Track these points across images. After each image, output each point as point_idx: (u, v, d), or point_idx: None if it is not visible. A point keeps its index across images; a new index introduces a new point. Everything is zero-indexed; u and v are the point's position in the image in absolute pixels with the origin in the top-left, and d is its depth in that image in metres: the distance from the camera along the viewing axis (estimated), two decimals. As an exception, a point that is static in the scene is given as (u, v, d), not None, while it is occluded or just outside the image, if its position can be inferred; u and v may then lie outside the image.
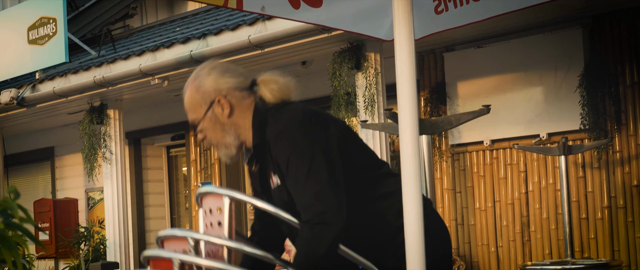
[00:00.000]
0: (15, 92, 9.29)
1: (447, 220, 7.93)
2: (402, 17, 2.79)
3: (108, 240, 9.14)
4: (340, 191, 2.64)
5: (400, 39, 2.77)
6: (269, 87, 2.80)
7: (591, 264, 6.37)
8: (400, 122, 2.79)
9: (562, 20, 7.15)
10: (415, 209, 2.74)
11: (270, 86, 2.80)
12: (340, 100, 7.00)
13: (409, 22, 2.75)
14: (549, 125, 7.32)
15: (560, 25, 7.22)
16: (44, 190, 12.35)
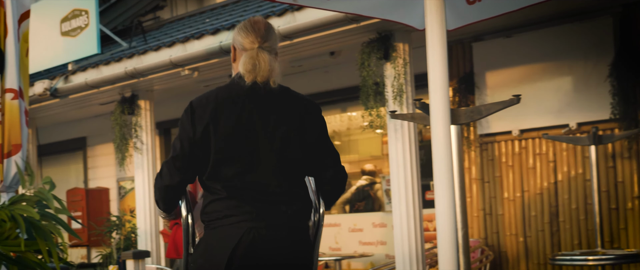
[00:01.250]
0: (48, 83, 9.41)
1: (476, 209, 7.95)
2: (434, 6, 2.83)
3: (139, 228, 9.25)
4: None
5: (431, 29, 2.81)
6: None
7: (621, 254, 6.37)
8: (431, 112, 2.83)
9: (592, 9, 7.13)
10: (447, 197, 2.78)
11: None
12: (368, 91, 7.03)
13: (441, 11, 2.79)
14: (579, 115, 7.31)
15: (590, 14, 7.20)
16: (77, 180, 12.51)
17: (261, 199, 3.25)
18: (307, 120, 3.39)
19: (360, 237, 9.21)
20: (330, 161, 3.44)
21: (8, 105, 4.87)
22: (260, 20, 3.39)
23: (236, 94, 3.31)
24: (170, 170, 3.33)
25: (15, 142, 4.88)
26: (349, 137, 12.77)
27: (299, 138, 3.34)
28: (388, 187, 8.80)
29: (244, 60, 3.30)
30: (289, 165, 3.30)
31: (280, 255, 3.22)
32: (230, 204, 3.23)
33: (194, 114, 3.33)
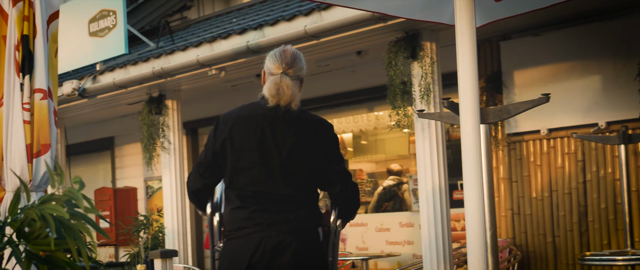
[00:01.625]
0: (76, 84, 9.48)
1: (504, 209, 7.91)
2: (464, 3, 2.81)
3: (166, 228, 9.29)
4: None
5: (461, 25, 2.79)
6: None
7: (651, 254, 6.31)
8: (461, 110, 2.81)
9: (621, 7, 7.06)
10: (476, 197, 2.76)
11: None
12: (395, 90, 7.01)
13: (471, 8, 2.77)
14: (608, 114, 7.25)
15: (619, 12, 7.13)
16: (104, 179, 12.59)
17: (269, 208, 3.69)
18: (315, 140, 3.81)
19: (387, 236, 9.19)
20: (337, 177, 3.82)
21: (37, 105, 4.90)
22: (288, 49, 3.86)
23: (255, 113, 3.79)
24: (195, 176, 3.88)
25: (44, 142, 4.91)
26: (376, 137, 12.74)
27: (306, 155, 3.76)
28: (415, 186, 8.78)
29: (268, 85, 3.76)
30: (295, 178, 3.73)
31: (290, 257, 3.63)
32: (243, 214, 3.71)
33: (217, 128, 3.84)
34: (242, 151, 3.74)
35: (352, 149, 12.54)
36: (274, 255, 3.63)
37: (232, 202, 3.79)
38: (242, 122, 3.81)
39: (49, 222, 1.80)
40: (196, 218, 11.22)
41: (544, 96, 4.17)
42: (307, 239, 3.70)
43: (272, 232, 3.63)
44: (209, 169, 3.82)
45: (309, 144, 3.79)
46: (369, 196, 11.79)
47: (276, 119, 3.78)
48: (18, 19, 4.92)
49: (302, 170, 3.76)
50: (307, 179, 3.79)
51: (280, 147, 3.74)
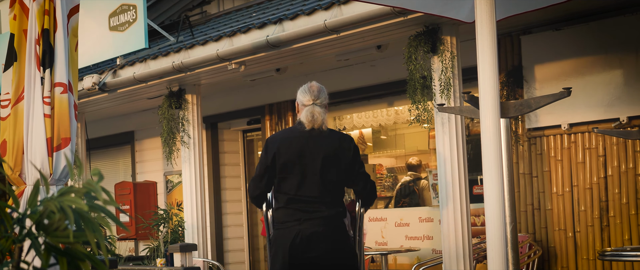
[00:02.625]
0: (97, 78, 9.52)
1: (524, 204, 7.87)
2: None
3: (186, 222, 9.32)
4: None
5: (481, 21, 2.78)
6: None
7: (673, 249, 6.25)
8: (481, 104, 2.80)
9: (644, 1, 7.01)
10: (496, 191, 2.75)
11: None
12: (415, 84, 6.99)
13: (491, 3, 2.75)
14: (630, 109, 7.19)
15: (642, 7, 7.07)
16: (124, 173, 12.65)
17: (305, 208, 4.94)
18: (340, 151, 5.02)
19: (406, 231, 9.17)
20: (359, 178, 5.07)
21: (57, 99, 4.93)
22: (314, 85, 5.14)
23: (294, 135, 5.02)
24: (255, 185, 5.14)
25: (64, 136, 4.93)
26: (395, 132, 12.71)
27: (334, 164, 4.99)
28: (435, 181, 8.75)
29: (304, 114, 5.01)
30: (326, 183, 4.95)
31: (320, 246, 4.86)
32: (287, 212, 4.98)
33: (267, 148, 5.07)
34: (285, 165, 4.97)
35: (371, 144, 12.52)
36: (309, 242, 4.86)
37: (279, 202, 5.06)
38: (285, 143, 5.03)
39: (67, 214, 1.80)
40: (216, 213, 11.25)
41: (565, 90, 4.14)
42: (334, 228, 4.93)
43: (306, 226, 4.89)
44: (263, 179, 5.08)
45: (336, 154, 5.00)
46: (389, 191, 11.77)
47: (310, 139, 4.99)
48: (39, 13, 4.95)
49: (331, 176, 4.98)
50: (335, 183, 5.01)
51: (315, 160, 4.96)
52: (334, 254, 4.88)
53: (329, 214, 4.92)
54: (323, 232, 4.86)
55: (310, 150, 4.97)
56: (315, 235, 4.85)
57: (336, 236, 4.91)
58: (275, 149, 5.01)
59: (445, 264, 6.92)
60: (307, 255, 4.86)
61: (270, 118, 10.34)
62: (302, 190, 4.95)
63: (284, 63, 8.64)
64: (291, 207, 4.96)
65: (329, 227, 4.90)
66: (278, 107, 10.28)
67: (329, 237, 4.88)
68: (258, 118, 10.71)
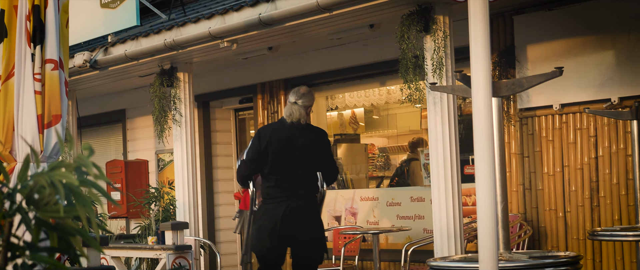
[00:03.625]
0: (88, 55, 9.47)
1: (515, 184, 7.89)
2: (476, -23, 2.78)
3: (178, 200, 9.32)
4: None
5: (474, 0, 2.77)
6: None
7: (662, 230, 6.29)
8: (473, 82, 2.80)
9: (637, -18, 7.00)
10: (487, 170, 2.75)
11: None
12: (408, 63, 6.98)
13: (483, -18, 2.74)
14: (621, 89, 7.20)
15: (635, -13, 7.07)
16: (116, 152, 12.63)
17: (291, 186, 6.27)
18: (317, 142, 6.40)
19: (397, 211, 9.20)
20: (329, 164, 6.51)
21: (48, 76, 4.91)
22: (303, 88, 6.43)
23: (283, 127, 6.34)
24: (246, 167, 6.43)
25: (55, 113, 4.92)
26: (387, 111, 12.71)
27: (312, 152, 6.35)
28: (426, 161, 8.77)
29: (286, 110, 6.38)
30: (306, 167, 6.34)
31: (303, 215, 6.26)
32: (277, 190, 6.26)
33: (260, 136, 6.34)
34: (276, 151, 6.25)
35: (363, 124, 12.52)
36: (295, 213, 6.23)
37: (269, 181, 6.31)
38: (276, 134, 6.32)
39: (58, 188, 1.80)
40: (207, 191, 11.25)
41: (557, 70, 4.14)
42: (312, 202, 6.39)
43: (293, 200, 6.24)
44: (254, 163, 6.35)
45: (315, 144, 6.38)
46: (381, 171, 11.79)
47: (295, 130, 6.31)
48: (29, -12, 4.91)
49: (310, 161, 6.36)
50: (313, 167, 6.42)
51: (298, 148, 6.29)
52: (312, 222, 6.35)
53: (309, 191, 6.37)
54: (305, 205, 6.29)
55: (295, 140, 6.30)
56: (300, 207, 6.26)
57: (314, 207, 6.40)
58: (268, 138, 6.30)
59: (436, 243, 6.95)
60: (295, 223, 6.22)
61: (263, 97, 10.33)
62: (289, 172, 6.30)
63: (277, 41, 8.62)
64: (280, 186, 6.28)
65: (310, 201, 6.36)
66: (270, 85, 10.26)
67: (309, 208, 6.32)
68: (250, 97, 10.69)
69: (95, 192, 1.90)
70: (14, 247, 1.89)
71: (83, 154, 1.90)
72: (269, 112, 10.21)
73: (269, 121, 10.19)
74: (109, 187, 10.88)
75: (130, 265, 9.16)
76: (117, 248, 8.36)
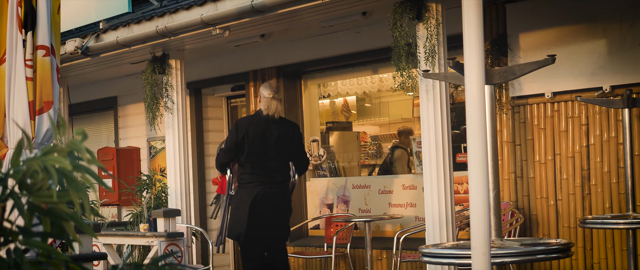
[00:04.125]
0: (79, 42, 9.44)
1: (506, 172, 7.91)
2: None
3: (169, 188, 9.31)
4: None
5: (467, -14, 2.77)
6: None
7: (653, 218, 6.32)
8: (466, 69, 2.80)
9: (629, -30, 7.01)
10: (480, 155, 2.75)
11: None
12: (400, 51, 6.98)
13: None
14: (613, 78, 7.22)
15: (627, -24, 7.07)
16: (107, 139, 12.61)
17: (266, 174, 7.08)
18: (291, 134, 7.20)
19: (389, 199, 9.21)
20: (301, 157, 7.33)
21: (40, 62, 4.89)
22: (274, 82, 7.40)
23: (259, 119, 7.13)
24: (225, 155, 7.27)
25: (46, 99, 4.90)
26: (379, 99, 12.73)
27: (286, 144, 7.14)
28: (418, 149, 8.78)
29: (265, 104, 7.16)
30: (280, 157, 7.13)
31: (275, 200, 7.11)
32: (252, 177, 7.07)
33: (238, 128, 7.14)
34: (252, 142, 7.05)
35: (355, 112, 12.53)
36: (267, 198, 7.05)
37: (245, 169, 7.13)
38: (252, 125, 7.11)
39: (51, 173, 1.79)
40: (199, 179, 11.25)
41: (550, 57, 4.15)
42: (284, 190, 7.21)
43: (266, 187, 7.07)
44: (232, 152, 7.18)
45: (288, 136, 7.17)
46: (373, 159, 11.80)
47: (270, 123, 7.11)
48: (21, -26, 4.89)
49: (284, 152, 7.15)
50: (286, 157, 7.19)
51: (273, 140, 7.08)
52: (282, 208, 7.19)
53: (282, 180, 7.17)
54: (277, 192, 7.11)
55: (270, 132, 7.08)
56: (272, 194, 7.08)
57: (284, 194, 7.20)
58: (245, 129, 7.09)
59: (428, 231, 6.96)
60: (267, 207, 7.05)
61: (255, 84, 10.31)
62: (264, 161, 7.08)
63: (269, 29, 8.60)
64: (255, 173, 7.08)
65: (281, 189, 7.16)
66: (262, 73, 10.25)
67: (280, 195, 7.14)
68: (242, 84, 10.68)
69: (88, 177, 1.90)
70: (6, 232, 1.89)
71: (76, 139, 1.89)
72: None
73: (261, 109, 10.18)
74: (101, 174, 10.86)
75: (122, 252, 9.16)
76: (109, 235, 8.35)
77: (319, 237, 9.76)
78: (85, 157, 1.80)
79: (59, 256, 1.91)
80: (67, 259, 1.91)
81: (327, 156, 10.10)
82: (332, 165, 10.22)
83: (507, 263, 4.66)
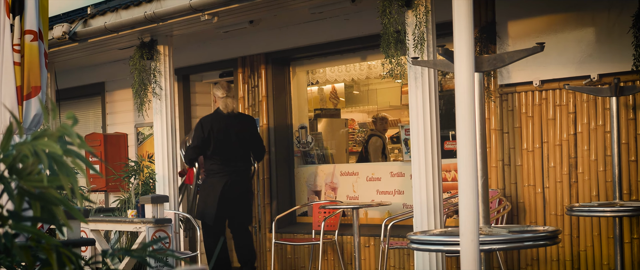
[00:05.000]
0: (67, 27, 9.39)
1: (494, 160, 7.94)
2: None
3: (157, 174, 9.29)
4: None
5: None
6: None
7: (639, 206, 6.36)
8: (456, 54, 2.80)
9: (618, -41, 7.02)
10: (469, 145, 2.76)
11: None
12: (389, 38, 6.97)
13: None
14: (601, 66, 7.24)
15: (616, -36, 7.09)
16: (95, 125, 12.57)
17: (231, 164, 8.36)
18: (248, 127, 8.49)
19: (377, 186, 9.23)
20: (258, 145, 8.62)
21: (28, 47, 4.87)
22: (224, 83, 8.48)
23: (219, 117, 8.36)
24: (193, 152, 8.57)
25: (34, 84, 4.88)
26: (368, 87, 12.73)
27: (245, 136, 8.39)
28: (407, 136, 8.79)
29: (221, 104, 8.44)
30: (242, 148, 8.35)
31: (240, 187, 8.44)
32: (220, 167, 8.33)
33: (203, 126, 8.41)
34: (217, 137, 8.30)
35: (343, 99, 12.53)
36: (234, 185, 8.44)
37: (212, 161, 8.47)
38: (216, 122, 8.38)
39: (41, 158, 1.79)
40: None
41: (539, 45, 4.16)
42: (247, 177, 8.61)
43: (232, 176, 8.43)
44: (200, 148, 8.50)
45: (246, 129, 8.48)
46: (361, 146, 11.81)
47: (230, 119, 8.39)
48: (8, -42, 4.86)
49: (244, 144, 8.42)
50: (246, 148, 8.47)
51: (234, 133, 8.33)
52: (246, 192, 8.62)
53: (244, 168, 8.58)
54: (241, 179, 8.52)
55: (232, 127, 8.36)
56: (237, 181, 8.48)
57: (247, 181, 8.59)
58: (210, 126, 8.38)
59: (416, 218, 6.98)
60: (234, 193, 8.42)
61: (243, 71, 10.30)
62: (228, 153, 8.39)
63: (258, 15, 8.58)
64: (222, 164, 8.38)
65: (245, 176, 8.59)
66: (251, 60, 10.23)
67: (244, 182, 8.56)
68: (230, 70, 10.65)
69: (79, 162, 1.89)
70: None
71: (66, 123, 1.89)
72: (249, 86, 10.19)
73: (250, 95, 10.18)
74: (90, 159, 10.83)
75: (110, 238, 9.15)
76: (97, 221, 8.33)
77: (307, 224, 9.77)
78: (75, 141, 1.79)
79: (49, 241, 1.90)
80: (57, 243, 1.91)
81: (315, 143, 10.11)
82: (320, 153, 10.23)
83: (495, 250, 4.68)
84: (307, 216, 9.88)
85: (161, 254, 2.11)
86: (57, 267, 1.89)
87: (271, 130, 9.95)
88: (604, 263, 7.32)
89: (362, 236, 8.90)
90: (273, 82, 9.98)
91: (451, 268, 8.11)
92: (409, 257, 8.51)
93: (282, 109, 10.05)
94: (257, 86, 10.09)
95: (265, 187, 9.98)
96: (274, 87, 9.99)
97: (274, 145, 9.93)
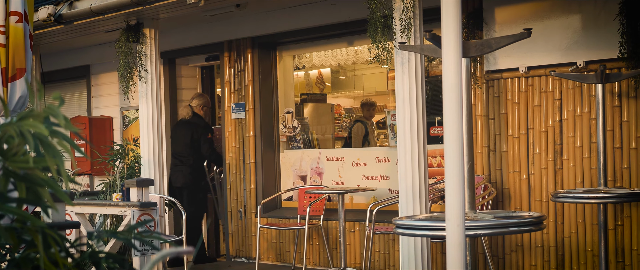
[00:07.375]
0: (52, 9, 9.33)
1: (480, 146, 7.96)
2: None
3: (143, 158, 9.27)
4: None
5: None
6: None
7: (623, 193, 6.39)
8: (443, 41, 2.80)
9: (605, -54, 7.02)
10: (456, 130, 2.76)
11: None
12: (376, 23, 6.97)
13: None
14: (587, 53, 7.26)
15: (603, -48, 7.09)
16: (80, 108, 12.51)
17: (181, 160, 10.06)
18: (198, 131, 10.01)
19: (363, 171, 9.24)
20: (206, 148, 10.06)
21: (13, 29, 4.83)
22: (195, 94, 10.53)
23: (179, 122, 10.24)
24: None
25: (19, 66, 4.85)
26: (354, 72, 12.72)
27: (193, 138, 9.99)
28: (393, 122, 8.80)
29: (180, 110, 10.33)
30: (191, 148, 10.01)
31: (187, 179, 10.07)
32: (174, 161, 10.19)
33: (172, 129, 10.49)
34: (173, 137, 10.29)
35: (330, 84, 12.52)
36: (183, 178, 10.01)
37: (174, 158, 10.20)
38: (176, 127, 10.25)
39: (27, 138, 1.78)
40: (172, 149, 11.21)
41: (526, 31, 4.16)
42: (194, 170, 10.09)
43: (183, 168, 10.04)
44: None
45: (195, 132, 9.98)
46: (347, 131, 11.81)
47: (184, 124, 10.05)
48: (-7, -61, 4.81)
49: (193, 144, 9.99)
50: (196, 148, 10.00)
51: (185, 136, 10.01)
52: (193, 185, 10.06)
53: (192, 163, 10.03)
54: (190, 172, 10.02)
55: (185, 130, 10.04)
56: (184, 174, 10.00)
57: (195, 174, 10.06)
58: (172, 129, 10.42)
59: (402, 203, 7.00)
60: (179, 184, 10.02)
61: (229, 55, 10.27)
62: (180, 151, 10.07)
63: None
64: (176, 160, 10.12)
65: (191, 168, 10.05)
66: (237, 44, 10.20)
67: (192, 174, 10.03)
68: (217, 54, 10.62)
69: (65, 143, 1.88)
70: (-19, 197, 1.87)
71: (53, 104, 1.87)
72: (235, 70, 10.16)
73: (236, 80, 10.16)
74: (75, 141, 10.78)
75: (94, 222, 9.12)
76: (82, 204, 8.31)
77: (292, 208, 9.78)
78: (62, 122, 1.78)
79: (35, 222, 1.89)
80: (43, 225, 1.90)
81: (301, 128, 10.10)
82: (306, 137, 10.22)
83: (480, 235, 4.70)
84: (293, 201, 9.89)
85: (147, 236, 2.11)
86: (43, 249, 1.88)
87: (257, 115, 9.94)
88: (588, 249, 7.37)
89: (348, 221, 8.91)
90: (259, 67, 9.96)
91: (436, 253, 8.14)
92: (394, 243, 8.53)
93: (268, 94, 10.03)
94: (243, 70, 10.06)
95: (250, 171, 9.98)
96: (261, 72, 9.97)
97: (260, 130, 9.91)
